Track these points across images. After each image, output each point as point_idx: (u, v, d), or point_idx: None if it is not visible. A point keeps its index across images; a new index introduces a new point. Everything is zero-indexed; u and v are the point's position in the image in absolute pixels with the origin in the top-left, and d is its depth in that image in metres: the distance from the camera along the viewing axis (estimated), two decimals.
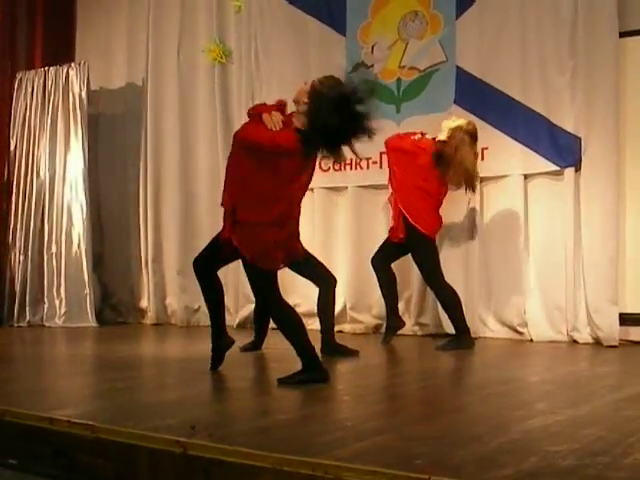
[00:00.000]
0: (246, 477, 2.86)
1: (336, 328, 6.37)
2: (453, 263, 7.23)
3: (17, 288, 8.71)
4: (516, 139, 6.95)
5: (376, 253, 6.77)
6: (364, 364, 5.70)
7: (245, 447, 2.91)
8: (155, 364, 4.93)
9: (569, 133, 6.74)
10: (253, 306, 6.84)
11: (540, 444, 2.97)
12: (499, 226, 7.11)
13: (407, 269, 7.20)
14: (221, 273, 5.19)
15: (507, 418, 3.50)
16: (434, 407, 3.97)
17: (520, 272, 6.96)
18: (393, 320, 6.73)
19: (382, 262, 6.71)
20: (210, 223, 8.51)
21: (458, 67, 7.25)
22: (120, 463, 3.22)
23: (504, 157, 7.03)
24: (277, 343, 6.59)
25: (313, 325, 7.27)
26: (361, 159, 6.54)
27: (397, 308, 6.81)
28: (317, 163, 4.93)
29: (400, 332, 7.30)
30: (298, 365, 4.54)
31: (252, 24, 8.26)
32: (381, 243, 6.81)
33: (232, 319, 8.10)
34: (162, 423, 3.39)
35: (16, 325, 8.56)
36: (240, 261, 4.77)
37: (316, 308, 6.15)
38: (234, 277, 7.74)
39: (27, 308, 8.63)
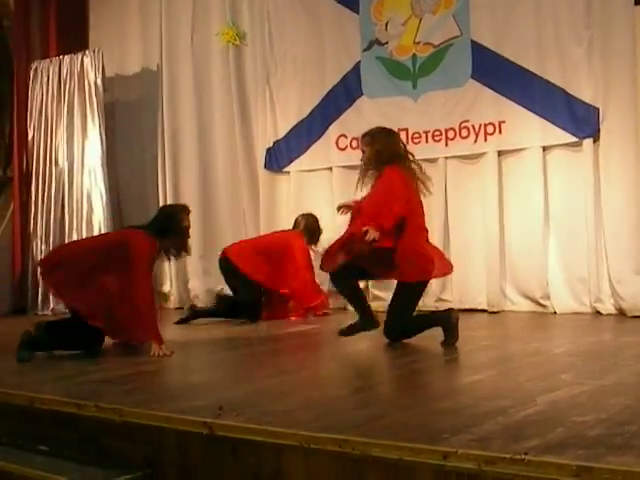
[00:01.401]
0: (274, 455, 2.88)
1: None
2: (473, 237, 7.23)
3: (40, 277, 8.76)
4: (534, 111, 6.91)
5: None
6: (385, 341, 5.69)
7: (272, 426, 2.93)
8: (180, 347, 4.95)
9: (587, 104, 6.69)
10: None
11: (566, 415, 2.97)
12: (519, 199, 7.08)
13: None
14: None
15: (532, 390, 3.50)
16: (458, 381, 3.98)
17: (541, 244, 6.93)
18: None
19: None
20: (229, 206, 8.54)
21: (473, 41, 7.19)
22: (148, 446, 3.25)
23: (522, 130, 7.00)
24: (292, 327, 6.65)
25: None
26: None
27: None
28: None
29: (423, 308, 7.29)
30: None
31: (265, 5, 8.25)
32: None
33: None
34: (189, 405, 3.41)
35: (40, 313, 8.62)
36: None
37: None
38: None
39: (50, 296, 8.68)
